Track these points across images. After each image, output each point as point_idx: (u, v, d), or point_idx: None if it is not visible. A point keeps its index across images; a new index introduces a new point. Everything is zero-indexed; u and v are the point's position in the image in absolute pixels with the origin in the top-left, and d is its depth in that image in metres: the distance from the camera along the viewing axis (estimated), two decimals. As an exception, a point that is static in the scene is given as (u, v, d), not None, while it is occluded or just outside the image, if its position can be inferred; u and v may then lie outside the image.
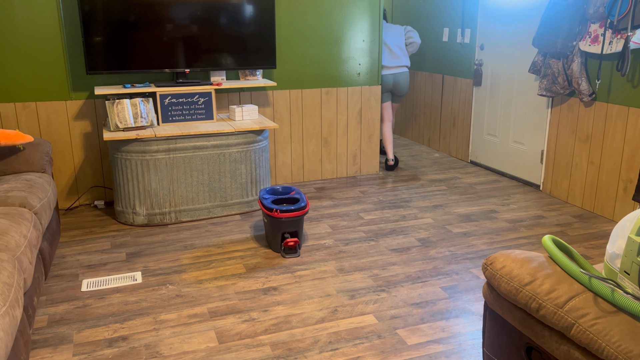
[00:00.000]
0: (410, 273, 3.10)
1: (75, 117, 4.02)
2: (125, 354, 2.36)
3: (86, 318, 2.65)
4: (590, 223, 3.84)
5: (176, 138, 3.68)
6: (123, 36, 3.78)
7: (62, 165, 4.07)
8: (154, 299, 2.82)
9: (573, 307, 1.48)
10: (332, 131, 4.77)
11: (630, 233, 1.44)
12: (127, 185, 3.69)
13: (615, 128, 3.78)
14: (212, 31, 3.98)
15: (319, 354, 2.36)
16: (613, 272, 1.52)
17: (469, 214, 4.00)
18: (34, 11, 3.75)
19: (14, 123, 3.88)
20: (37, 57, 3.83)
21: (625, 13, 3.40)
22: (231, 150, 3.83)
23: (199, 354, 2.36)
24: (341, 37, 4.61)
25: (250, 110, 4.08)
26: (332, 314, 2.67)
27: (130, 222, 3.79)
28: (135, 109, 3.69)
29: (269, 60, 4.20)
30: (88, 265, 3.21)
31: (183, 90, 3.92)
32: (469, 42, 5.24)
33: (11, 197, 2.72)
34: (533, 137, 4.58)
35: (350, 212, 4.05)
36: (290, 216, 3.26)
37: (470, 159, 5.44)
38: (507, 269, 1.70)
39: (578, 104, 4.07)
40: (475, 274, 3.08)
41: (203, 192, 3.83)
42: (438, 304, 2.77)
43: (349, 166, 4.94)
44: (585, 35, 3.82)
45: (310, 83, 4.61)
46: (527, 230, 3.71)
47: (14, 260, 2.11)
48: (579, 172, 4.12)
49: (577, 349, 1.49)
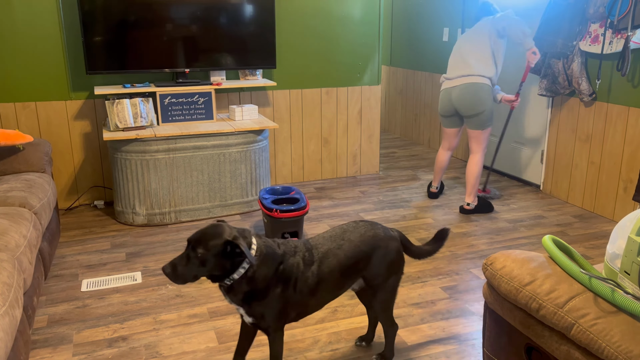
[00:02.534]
0: (410, 273, 3.10)
1: (75, 117, 4.02)
2: (125, 354, 2.36)
3: (86, 318, 2.64)
4: (591, 223, 3.84)
5: (176, 138, 3.68)
6: (123, 36, 3.78)
7: (62, 165, 4.06)
8: (154, 299, 2.82)
9: (573, 307, 1.48)
10: (332, 131, 4.77)
11: (631, 233, 1.44)
12: (127, 185, 3.69)
13: (615, 128, 3.77)
14: (212, 31, 3.98)
15: (319, 354, 2.36)
16: (613, 272, 1.52)
17: (469, 214, 4.00)
18: (34, 11, 3.75)
19: (13, 123, 3.88)
20: (37, 57, 3.83)
21: (626, 13, 3.40)
22: (231, 150, 3.83)
23: (199, 354, 2.36)
24: (341, 37, 4.60)
25: (250, 110, 4.08)
26: (332, 314, 2.67)
27: (130, 222, 3.78)
28: (135, 109, 3.69)
29: (269, 60, 4.19)
30: (88, 265, 3.21)
31: (183, 90, 3.92)
32: (469, 42, 5.23)
33: (11, 197, 2.72)
34: (533, 137, 4.58)
35: (350, 212, 4.05)
36: (290, 216, 3.26)
37: (470, 159, 5.43)
38: (508, 269, 1.69)
39: (578, 104, 4.06)
40: (475, 274, 3.08)
41: (203, 192, 3.83)
42: (438, 304, 2.77)
43: (349, 166, 4.94)
44: (585, 35, 3.82)
45: (310, 83, 4.61)
46: (527, 230, 3.71)
47: (13, 260, 2.11)
48: (579, 172, 4.12)
49: (577, 349, 1.49)
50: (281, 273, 1.85)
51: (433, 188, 4.35)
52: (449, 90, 3.93)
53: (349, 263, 1.98)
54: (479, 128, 3.88)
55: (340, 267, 1.96)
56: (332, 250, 1.97)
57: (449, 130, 4.12)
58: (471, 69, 3.81)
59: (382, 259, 2.04)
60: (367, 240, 2.03)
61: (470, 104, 3.81)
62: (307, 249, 1.95)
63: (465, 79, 3.82)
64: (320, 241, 2.00)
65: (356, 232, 2.04)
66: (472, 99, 3.80)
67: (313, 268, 1.91)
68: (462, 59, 3.86)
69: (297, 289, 1.88)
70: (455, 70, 3.89)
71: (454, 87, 3.88)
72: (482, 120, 3.84)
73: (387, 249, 2.06)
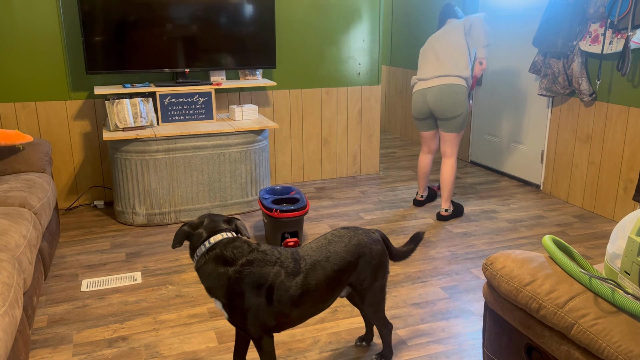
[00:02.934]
0: (411, 273, 3.09)
1: (75, 117, 4.02)
2: (125, 354, 2.36)
3: (86, 318, 2.64)
4: (591, 223, 3.84)
5: (176, 138, 3.68)
6: (123, 36, 3.78)
7: (61, 165, 4.06)
8: (154, 299, 2.82)
9: (573, 307, 1.48)
10: (332, 131, 4.77)
11: (631, 233, 1.44)
12: (126, 185, 3.69)
13: (615, 128, 3.77)
14: (212, 31, 3.98)
15: (319, 354, 2.36)
16: (613, 272, 1.52)
17: (469, 214, 4.00)
18: (34, 11, 3.75)
19: (13, 123, 3.88)
20: (37, 57, 3.82)
21: (626, 13, 3.40)
22: (231, 150, 3.83)
23: (199, 354, 2.36)
24: (341, 37, 4.60)
25: (250, 110, 4.08)
26: (332, 314, 2.67)
27: (130, 222, 3.78)
28: (135, 109, 3.69)
29: (269, 60, 4.19)
30: (88, 265, 3.20)
31: (183, 90, 3.92)
32: (469, 42, 5.23)
33: (11, 197, 2.72)
34: (533, 137, 4.58)
35: (350, 212, 4.05)
36: (290, 216, 3.26)
37: (470, 159, 5.43)
38: (508, 269, 1.69)
39: (578, 103, 4.06)
40: (475, 274, 3.08)
41: (203, 192, 3.83)
42: (438, 304, 2.77)
43: (349, 166, 4.94)
44: (585, 35, 3.82)
45: (310, 83, 4.61)
46: (527, 231, 3.70)
47: (13, 261, 2.11)
48: (579, 172, 4.12)
49: (577, 349, 1.49)
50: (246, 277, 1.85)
51: (418, 196, 4.14)
52: (424, 91, 3.68)
53: (335, 275, 1.98)
54: (455, 131, 3.68)
55: (326, 279, 1.95)
56: (319, 262, 1.96)
57: (426, 134, 3.91)
58: (447, 69, 3.59)
59: (367, 265, 2.04)
60: (352, 249, 2.02)
61: (449, 106, 3.59)
62: (294, 259, 1.94)
63: (442, 79, 3.59)
64: (308, 252, 1.99)
65: (340, 242, 2.03)
66: (450, 101, 3.58)
67: (298, 279, 1.90)
68: (437, 58, 3.65)
69: (275, 298, 1.88)
70: (430, 70, 3.66)
71: (430, 88, 3.64)
72: (459, 123, 3.65)
73: (372, 254, 2.06)
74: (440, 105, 3.62)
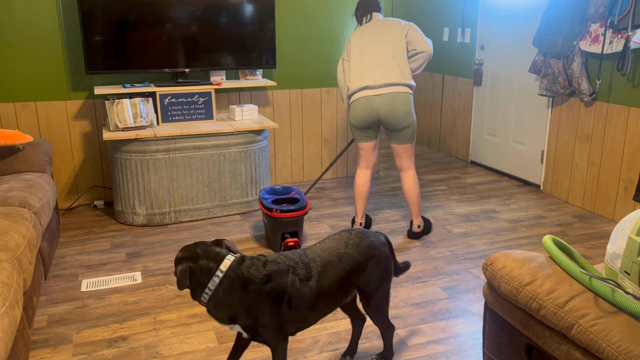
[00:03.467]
0: (411, 273, 3.09)
1: (75, 117, 4.02)
2: (125, 354, 2.36)
3: (86, 318, 2.64)
4: (591, 223, 3.84)
5: (176, 138, 3.68)
6: (122, 36, 3.78)
7: (61, 165, 4.06)
8: (154, 299, 2.82)
9: (573, 307, 1.48)
10: (332, 131, 4.77)
11: (631, 233, 1.44)
12: (126, 185, 3.69)
13: (615, 128, 3.77)
14: (212, 31, 3.98)
15: (319, 354, 2.35)
16: (613, 272, 1.52)
17: (469, 214, 4.00)
18: (34, 11, 3.74)
19: (13, 123, 3.88)
20: (37, 57, 3.82)
21: (626, 13, 3.40)
22: (231, 150, 3.83)
23: (199, 354, 2.36)
24: (341, 37, 4.60)
25: (250, 110, 4.08)
26: (332, 314, 2.67)
27: (130, 222, 3.78)
28: (134, 109, 3.69)
29: (269, 60, 4.19)
30: (88, 265, 3.20)
31: (183, 90, 3.92)
32: (469, 41, 5.23)
33: (11, 197, 2.72)
34: (533, 137, 4.58)
35: (350, 212, 4.05)
36: (290, 216, 3.26)
37: (470, 159, 5.43)
38: (508, 269, 1.69)
39: (578, 103, 4.06)
40: (475, 274, 3.08)
41: (203, 192, 3.83)
42: (438, 304, 2.77)
43: (349, 166, 4.94)
44: (585, 35, 3.82)
45: (310, 83, 4.61)
46: (527, 230, 3.70)
47: (13, 261, 2.11)
48: (579, 172, 4.12)
49: (577, 349, 1.49)
50: (269, 293, 1.83)
51: (357, 224, 3.64)
52: (372, 98, 3.28)
53: (347, 276, 1.97)
54: (409, 141, 3.40)
55: (339, 280, 1.95)
56: (331, 263, 1.95)
57: (365, 145, 3.48)
58: (396, 76, 3.28)
59: (375, 267, 2.04)
60: (364, 250, 2.02)
61: (403, 116, 3.29)
62: (304, 263, 1.93)
63: (392, 87, 3.27)
64: (318, 253, 1.98)
65: (351, 242, 2.02)
66: (403, 110, 3.28)
67: (311, 283, 1.90)
68: (384, 64, 3.29)
69: (293, 307, 1.87)
70: (376, 77, 3.29)
71: (379, 95, 3.28)
72: (412, 132, 3.37)
73: (380, 256, 2.06)
74: (394, 114, 3.28)
